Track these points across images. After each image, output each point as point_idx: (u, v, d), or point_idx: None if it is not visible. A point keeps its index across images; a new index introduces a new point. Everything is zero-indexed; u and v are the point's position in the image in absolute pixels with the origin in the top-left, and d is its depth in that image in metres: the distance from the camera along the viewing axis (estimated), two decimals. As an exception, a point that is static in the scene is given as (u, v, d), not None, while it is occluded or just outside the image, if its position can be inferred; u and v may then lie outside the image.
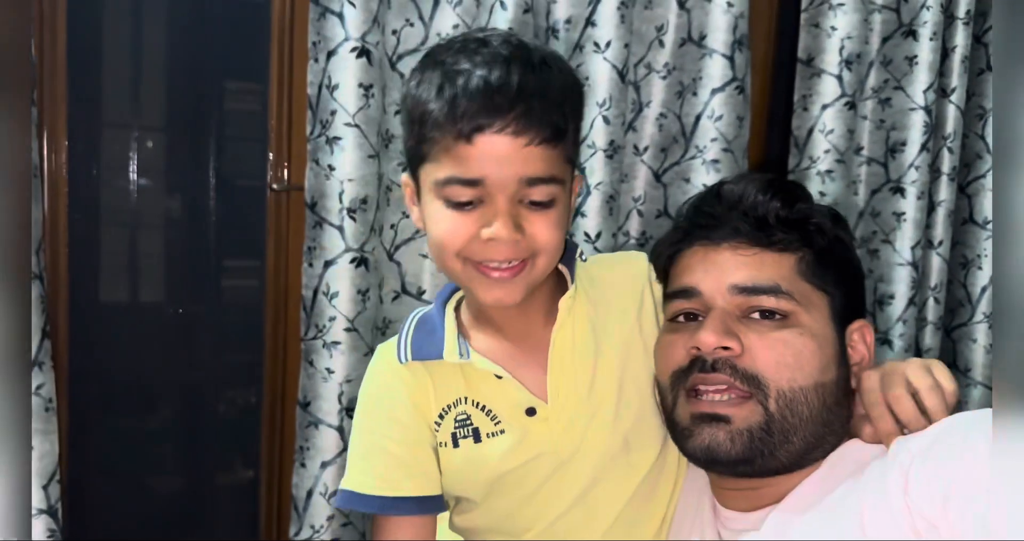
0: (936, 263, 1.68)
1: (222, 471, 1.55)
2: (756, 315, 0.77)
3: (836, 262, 0.79)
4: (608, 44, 1.32)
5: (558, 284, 0.87)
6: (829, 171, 1.55)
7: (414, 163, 0.80)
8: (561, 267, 0.87)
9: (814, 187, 1.55)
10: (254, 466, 1.44)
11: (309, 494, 1.27)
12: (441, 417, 0.87)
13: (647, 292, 0.90)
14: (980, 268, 1.72)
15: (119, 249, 1.46)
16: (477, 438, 0.86)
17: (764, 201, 0.79)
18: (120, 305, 1.47)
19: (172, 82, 1.47)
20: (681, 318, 0.82)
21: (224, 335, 1.52)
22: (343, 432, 1.25)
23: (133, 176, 1.41)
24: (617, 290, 0.89)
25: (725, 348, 0.75)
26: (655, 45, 1.41)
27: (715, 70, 1.41)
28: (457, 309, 0.90)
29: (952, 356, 1.75)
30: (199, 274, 1.51)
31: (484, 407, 0.86)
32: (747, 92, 1.42)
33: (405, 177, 0.84)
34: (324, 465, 1.26)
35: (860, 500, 0.69)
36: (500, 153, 0.73)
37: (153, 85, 1.47)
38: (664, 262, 0.85)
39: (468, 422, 0.86)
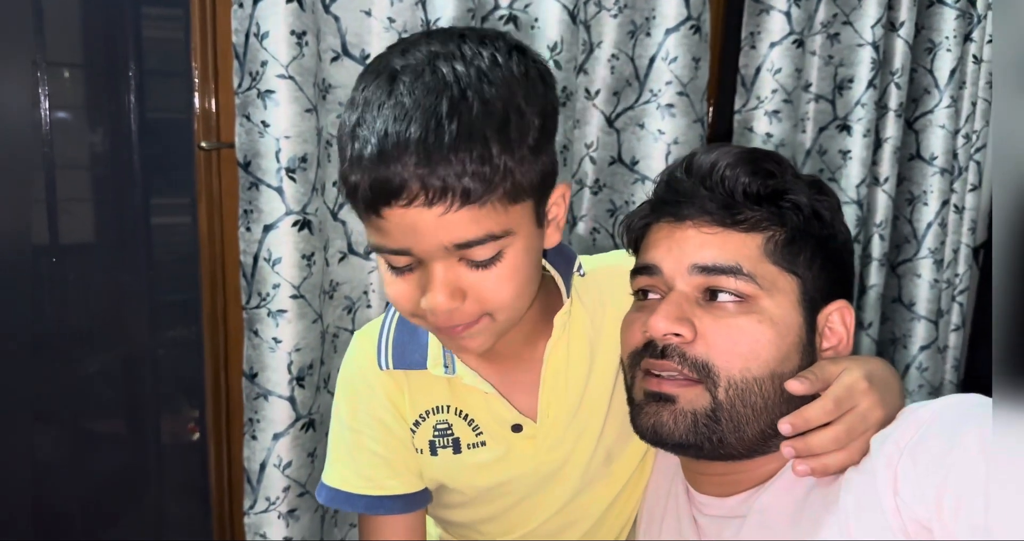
0: (882, 200, 1.68)
1: (167, 444, 1.48)
2: (716, 298, 0.72)
3: (812, 242, 0.74)
4: (558, -18, 1.24)
5: (552, 298, 0.81)
6: (776, 111, 1.52)
7: None
8: (557, 278, 0.81)
9: (761, 128, 1.52)
10: (201, 439, 1.37)
11: (262, 466, 1.22)
12: (416, 425, 0.82)
13: None
14: (926, 204, 1.73)
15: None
16: (457, 449, 0.81)
17: (732, 176, 0.73)
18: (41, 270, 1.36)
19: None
20: (641, 294, 0.78)
21: (158, 301, 1.43)
22: (294, 403, 1.20)
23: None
24: (616, 297, 0.82)
25: (677, 334, 0.71)
26: (605, -20, 1.34)
27: (669, 8, 1.34)
28: None
29: (897, 291, 1.78)
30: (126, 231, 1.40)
31: (467, 416, 0.81)
32: (703, 31, 1.36)
33: None
34: (276, 436, 1.20)
35: (844, 495, 0.66)
36: (414, 226, 0.62)
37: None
38: (635, 236, 0.81)
39: (448, 432, 0.81)
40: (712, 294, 0.72)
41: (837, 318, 0.75)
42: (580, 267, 0.82)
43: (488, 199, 0.62)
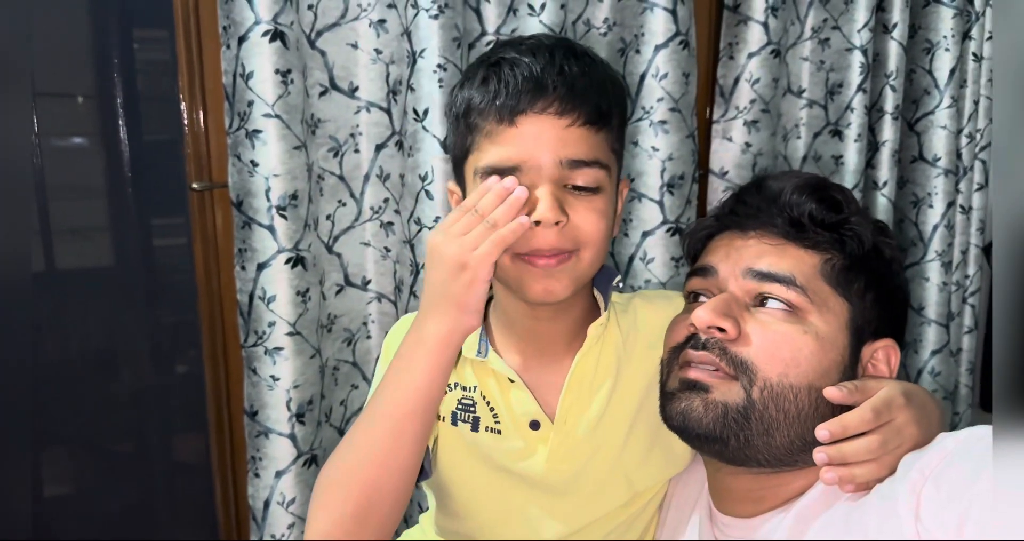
0: (882, 204, 1.66)
1: (175, 481, 1.48)
2: (765, 304, 0.74)
3: (869, 274, 0.76)
4: (543, 6, 1.23)
5: (590, 308, 0.84)
6: (755, 121, 1.49)
7: (460, 162, 0.78)
8: (595, 292, 0.84)
9: (739, 138, 1.50)
10: (206, 475, 1.37)
11: (267, 504, 1.22)
12: (446, 391, 0.83)
13: None
14: (931, 206, 1.71)
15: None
16: (475, 427, 0.83)
17: (801, 201, 0.76)
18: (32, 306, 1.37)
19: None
20: (692, 297, 0.81)
21: (158, 343, 1.43)
22: (295, 440, 1.19)
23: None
24: (650, 326, 0.84)
25: (721, 330, 0.72)
26: (593, 0, 1.33)
27: (657, 25, 1.33)
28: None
29: (905, 297, 1.76)
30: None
31: (489, 403, 0.83)
32: (692, 46, 1.35)
33: (451, 184, 0.82)
34: (279, 474, 1.20)
35: (866, 519, 0.66)
36: (542, 134, 0.72)
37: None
38: (697, 246, 0.84)
39: (472, 409, 0.83)
40: (762, 301, 0.74)
41: (882, 355, 0.76)
42: (619, 282, 0.85)
43: (601, 129, 0.74)
